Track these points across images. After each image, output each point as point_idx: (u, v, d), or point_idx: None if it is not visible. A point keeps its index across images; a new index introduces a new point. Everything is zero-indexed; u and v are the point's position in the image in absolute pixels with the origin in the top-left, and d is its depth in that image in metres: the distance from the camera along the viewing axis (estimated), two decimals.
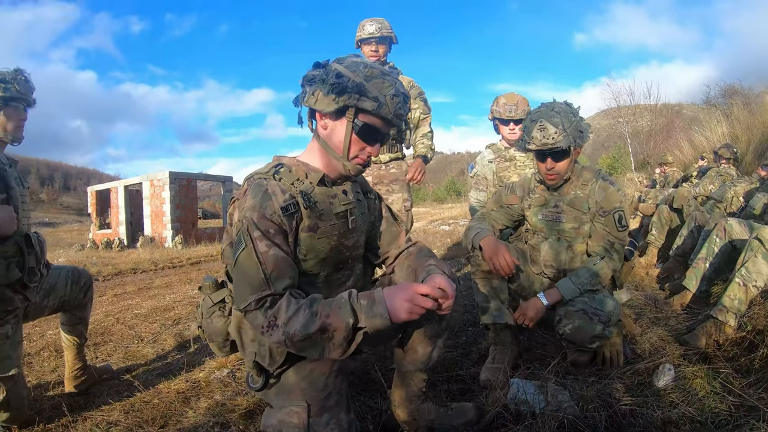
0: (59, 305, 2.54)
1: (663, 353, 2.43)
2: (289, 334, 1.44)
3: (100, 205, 24.88)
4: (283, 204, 1.56)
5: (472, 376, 2.41)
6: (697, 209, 4.96)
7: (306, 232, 1.62)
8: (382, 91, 1.56)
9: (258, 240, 1.52)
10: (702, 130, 12.31)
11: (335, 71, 1.55)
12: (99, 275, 8.36)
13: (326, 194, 1.69)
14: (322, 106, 1.58)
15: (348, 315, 1.46)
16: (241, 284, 1.53)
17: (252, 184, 1.62)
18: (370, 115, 1.57)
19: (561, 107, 2.33)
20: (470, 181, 3.75)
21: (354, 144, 1.62)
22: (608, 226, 2.38)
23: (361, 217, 1.82)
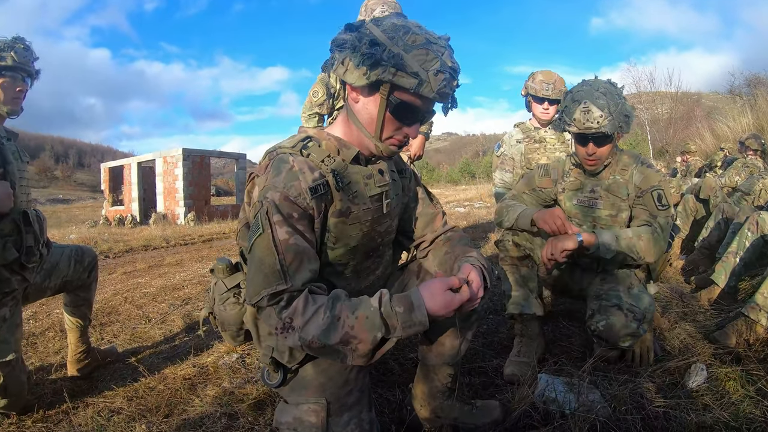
0: (62, 286, 2.43)
1: (693, 351, 2.31)
2: (306, 340, 1.29)
3: (113, 182, 24.97)
4: (312, 184, 1.37)
5: (494, 369, 2.28)
6: (724, 201, 4.79)
7: (337, 217, 1.45)
8: (425, 66, 1.31)
9: (278, 225, 1.33)
10: (725, 120, 12.00)
11: (369, 37, 1.31)
12: (110, 252, 8.31)
13: (361, 174, 1.50)
14: (352, 78, 1.35)
15: (377, 328, 1.29)
16: (254, 274, 1.34)
17: (275, 159, 1.44)
18: (408, 93, 1.35)
19: (606, 87, 2.14)
20: (496, 160, 3.61)
21: (388, 123, 1.42)
22: (647, 204, 2.20)
23: (395, 198, 1.64)
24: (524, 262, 2.31)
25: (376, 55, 1.29)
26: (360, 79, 1.33)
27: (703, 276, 3.69)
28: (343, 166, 1.46)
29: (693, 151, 9.39)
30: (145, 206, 22.55)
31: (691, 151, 9.36)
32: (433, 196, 1.86)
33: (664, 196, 2.18)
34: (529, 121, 3.51)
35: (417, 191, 1.81)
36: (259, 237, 1.34)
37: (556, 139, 3.35)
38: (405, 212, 1.77)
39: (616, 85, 2.17)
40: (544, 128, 3.43)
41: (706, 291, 3.31)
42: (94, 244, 9.20)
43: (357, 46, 1.31)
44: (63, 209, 40.99)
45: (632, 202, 2.24)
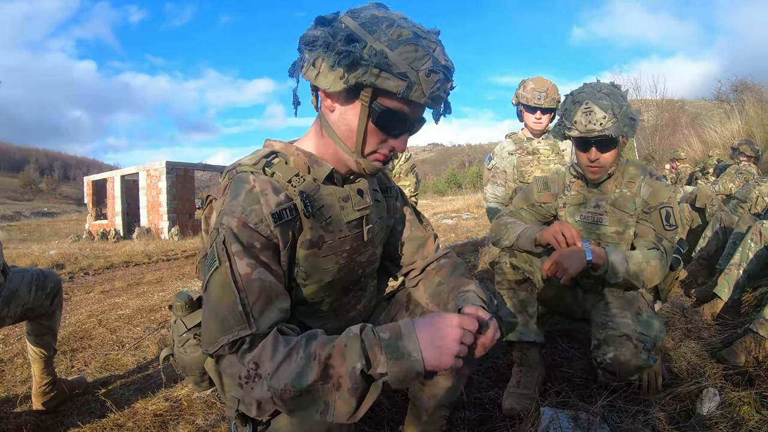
0: (23, 314, 2.22)
1: (702, 373, 2.17)
2: (278, 390, 1.03)
3: (97, 195, 24.59)
4: (276, 209, 1.16)
5: (492, 401, 2.10)
6: (720, 209, 4.68)
7: (307, 249, 1.23)
8: (414, 65, 1.09)
9: (237, 257, 1.11)
10: (714, 126, 11.99)
11: (345, 31, 1.09)
12: (90, 269, 8.12)
13: (336, 196, 1.28)
14: (326, 83, 1.12)
15: (356, 358, 1.03)
16: (210, 318, 1.11)
17: (233, 179, 1.22)
18: (394, 98, 1.13)
19: (609, 88, 1.98)
20: (487, 173, 3.45)
21: (371, 135, 1.20)
22: (654, 223, 2.04)
23: (379, 222, 1.43)
24: (522, 285, 2.14)
25: (355, 53, 1.06)
26: (335, 83, 1.10)
27: (703, 289, 3.56)
28: (315, 187, 1.25)
29: (682, 158, 9.36)
30: (128, 220, 22.21)
31: (681, 158, 9.32)
32: (423, 217, 1.67)
33: (673, 215, 2.03)
34: (522, 132, 3.36)
35: (404, 212, 1.61)
36: (216, 272, 1.11)
37: (551, 151, 3.21)
38: (391, 236, 1.57)
39: (620, 88, 2.01)
40: (537, 139, 3.28)
41: (709, 305, 3.17)
42: (75, 259, 9.01)
43: (331, 43, 1.09)
44: (47, 222, 40.50)
45: (638, 217, 2.09)
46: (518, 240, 2.07)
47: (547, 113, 3.15)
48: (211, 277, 1.12)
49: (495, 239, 2.21)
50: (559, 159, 3.21)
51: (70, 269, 7.95)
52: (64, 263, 8.52)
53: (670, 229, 2.02)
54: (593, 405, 1.91)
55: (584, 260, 1.87)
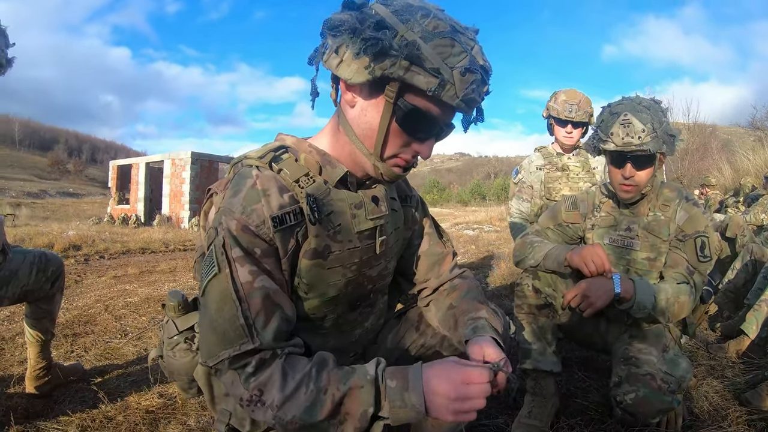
0: (21, 295, 2.16)
1: (725, 416, 2.04)
2: (284, 421, 0.98)
3: (121, 180, 24.89)
4: (278, 212, 1.05)
5: (499, 429, 1.98)
6: (752, 240, 4.49)
7: (311, 259, 1.11)
8: (449, 61, 0.96)
9: (238, 263, 1.01)
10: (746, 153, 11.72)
11: (375, 18, 0.96)
12: (106, 252, 8.16)
13: (348, 202, 1.15)
14: (348, 72, 1.00)
15: (368, 402, 0.99)
16: (209, 330, 1.02)
17: (236, 174, 1.12)
18: (423, 96, 1.00)
19: (649, 103, 1.85)
20: (513, 187, 3.32)
21: (394, 137, 1.07)
22: (687, 253, 1.90)
23: (394, 234, 1.30)
24: (543, 311, 2.00)
25: (384, 41, 0.94)
26: (359, 73, 0.98)
27: (729, 323, 3.40)
28: (325, 191, 1.12)
29: (713, 185, 9.12)
30: (150, 207, 22.43)
31: (711, 184, 9.08)
32: (443, 232, 1.54)
33: (708, 246, 1.88)
34: (552, 146, 3.22)
35: (423, 224, 1.48)
36: (215, 279, 1.02)
37: (581, 168, 3.06)
38: (407, 249, 1.44)
39: (661, 103, 1.88)
40: (567, 154, 3.14)
41: (735, 342, 3.01)
42: (92, 242, 9.07)
43: (358, 28, 0.96)
44: (71, 203, 41.23)
45: (671, 243, 1.95)
46: (545, 260, 1.95)
47: (579, 127, 3.01)
48: (210, 285, 1.03)
49: (518, 258, 2.09)
50: (590, 177, 3.07)
51: (86, 251, 8.00)
52: (81, 245, 8.58)
53: (704, 261, 1.88)
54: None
55: (611, 293, 1.76)
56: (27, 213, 21.73)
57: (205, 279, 1.03)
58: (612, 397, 1.80)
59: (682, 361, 1.80)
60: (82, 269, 6.31)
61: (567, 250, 1.89)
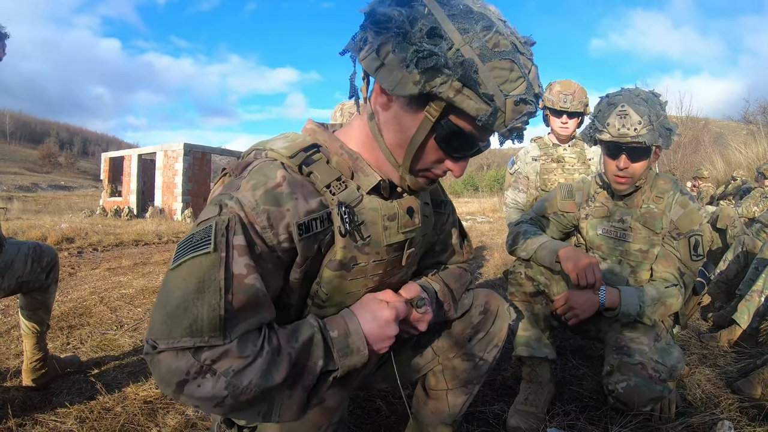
0: (16, 287, 2.15)
1: (717, 403, 2.08)
2: (238, 389, 0.88)
3: (113, 173, 24.73)
4: (306, 218, 0.97)
5: (496, 416, 2.00)
6: (743, 232, 4.53)
7: (335, 270, 1.04)
8: (505, 87, 0.87)
9: (237, 251, 0.91)
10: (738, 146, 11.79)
11: (429, 20, 0.85)
12: (99, 245, 8.12)
13: (380, 213, 1.07)
14: (389, 81, 0.88)
15: (320, 355, 0.97)
16: (177, 309, 0.87)
17: (258, 166, 1.01)
18: (468, 121, 0.91)
19: (648, 95, 1.85)
20: (509, 178, 3.33)
21: (428, 153, 0.99)
22: (680, 251, 1.91)
23: (421, 241, 1.24)
24: (537, 298, 2.03)
25: (439, 57, 0.83)
26: (403, 85, 0.87)
27: (721, 313, 3.44)
28: (357, 198, 1.03)
29: (705, 177, 9.18)
30: (143, 199, 22.31)
31: (704, 176, 9.14)
32: (467, 240, 1.50)
33: (701, 244, 1.90)
34: (547, 137, 3.23)
35: (450, 236, 1.42)
36: (205, 256, 0.89)
37: (576, 159, 3.08)
38: (427, 254, 1.38)
39: (659, 96, 1.88)
40: (563, 145, 3.15)
41: (727, 331, 3.05)
42: (85, 234, 9.02)
43: (408, 32, 0.85)
44: (63, 196, 40.90)
45: (664, 237, 1.97)
46: (537, 252, 1.97)
47: (574, 117, 3.03)
48: (196, 260, 0.89)
49: (512, 248, 2.10)
50: (585, 169, 3.09)
51: (79, 244, 7.96)
52: (74, 237, 8.53)
53: (697, 260, 1.91)
54: (602, 428, 1.83)
55: (596, 306, 1.84)
56: (19, 206, 21.52)
57: (192, 252, 0.90)
58: (604, 385, 1.82)
59: (673, 350, 1.81)
60: (75, 262, 6.28)
61: (558, 247, 1.92)
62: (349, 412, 1.91)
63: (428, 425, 1.45)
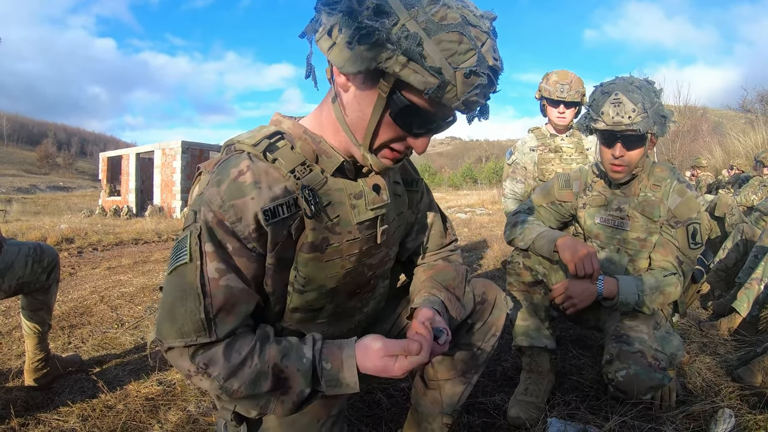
0: (17, 288, 2.15)
1: (717, 391, 2.08)
2: (230, 391, 1.01)
3: (111, 172, 24.71)
4: (270, 204, 1.00)
5: (497, 406, 2.00)
6: (742, 220, 4.53)
7: (308, 253, 1.06)
8: (453, 60, 0.86)
9: (209, 258, 0.99)
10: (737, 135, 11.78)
11: (378, 0, 0.86)
12: (98, 244, 8.12)
13: (346, 192, 1.09)
14: (339, 59, 0.90)
15: (306, 383, 1.04)
16: (167, 317, 1.00)
17: (224, 160, 1.06)
18: (418, 94, 0.92)
19: (642, 83, 1.84)
20: (507, 168, 3.33)
21: (386, 130, 1.00)
22: (678, 239, 1.91)
23: (396, 220, 1.24)
24: (536, 288, 2.03)
25: (380, 33, 0.84)
26: (351, 62, 0.88)
27: (720, 302, 3.45)
28: (321, 180, 1.06)
29: (704, 166, 9.18)
30: (142, 198, 22.32)
31: (702, 165, 9.14)
32: (447, 220, 1.51)
33: (699, 232, 1.90)
34: (545, 127, 3.22)
35: (428, 215, 1.44)
36: (184, 266, 1.00)
37: (574, 149, 3.07)
38: (407, 236, 1.40)
39: (654, 84, 1.88)
40: (560, 135, 3.15)
41: (727, 319, 3.05)
42: (85, 234, 9.01)
43: (354, 11, 0.86)
44: (62, 197, 40.91)
45: (662, 225, 1.96)
46: (535, 241, 1.97)
47: (571, 107, 3.02)
48: (178, 271, 1.01)
49: (510, 237, 2.10)
50: (583, 159, 3.08)
51: (79, 244, 7.95)
52: (73, 238, 8.52)
53: (695, 248, 1.90)
54: (602, 418, 1.83)
55: (594, 295, 1.84)
56: (18, 208, 21.54)
57: (174, 263, 1.02)
58: (604, 374, 1.82)
59: (673, 338, 1.82)
60: (75, 262, 6.28)
61: (556, 236, 1.91)
62: (350, 404, 1.92)
63: (428, 416, 1.45)
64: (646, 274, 1.90)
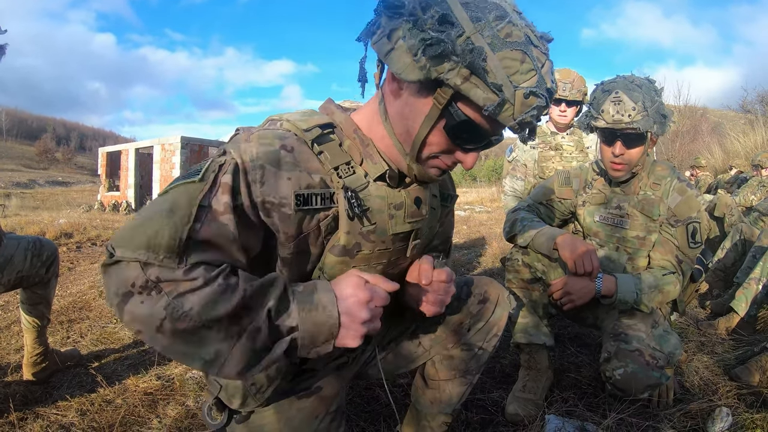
0: (17, 282, 2.15)
1: (715, 390, 2.09)
2: (178, 313, 0.83)
3: (111, 167, 24.72)
4: (305, 191, 0.96)
5: (495, 403, 2.01)
6: (741, 220, 4.54)
7: (338, 256, 1.02)
8: (515, 78, 0.85)
9: (222, 189, 0.90)
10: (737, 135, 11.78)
11: (442, 6, 0.85)
12: (98, 239, 8.07)
13: (386, 201, 1.05)
14: (398, 65, 0.88)
15: (271, 296, 0.90)
16: (143, 222, 0.87)
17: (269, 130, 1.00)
18: (477, 110, 0.90)
19: (642, 81, 1.84)
20: (507, 166, 3.34)
21: (435, 141, 0.97)
22: (678, 238, 1.91)
23: (428, 233, 1.21)
24: (535, 285, 2.03)
25: (446, 44, 0.83)
26: (411, 69, 0.87)
27: (719, 301, 3.46)
28: (363, 184, 1.02)
29: (703, 166, 9.18)
30: (141, 193, 22.30)
31: (702, 165, 9.14)
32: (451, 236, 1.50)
33: (699, 231, 1.90)
34: (546, 125, 3.23)
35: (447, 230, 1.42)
36: (190, 183, 0.90)
37: (574, 147, 3.09)
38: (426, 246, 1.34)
39: (655, 83, 1.87)
40: (561, 133, 3.16)
41: (725, 319, 3.06)
42: (83, 229, 8.97)
43: (419, 19, 0.85)
44: (61, 192, 40.81)
45: (662, 224, 1.96)
46: (535, 239, 1.96)
47: (573, 106, 3.03)
48: (181, 186, 0.91)
49: (509, 234, 2.10)
50: (583, 157, 3.09)
51: (78, 239, 7.93)
52: (72, 232, 8.50)
53: (695, 247, 1.91)
54: (600, 415, 1.83)
55: (593, 293, 1.84)
56: (17, 203, 21.50)
57: (179, 180, 0.92)
58: (601, 372, 1.83)
59: (671, 336, 1.82)
60: (74, 256, 6.27)
61: (556, 234, 1.91)
62: (348, 400, 1.93)
63: (427, 414, 1.45)
64: (645, 273, 1.90)
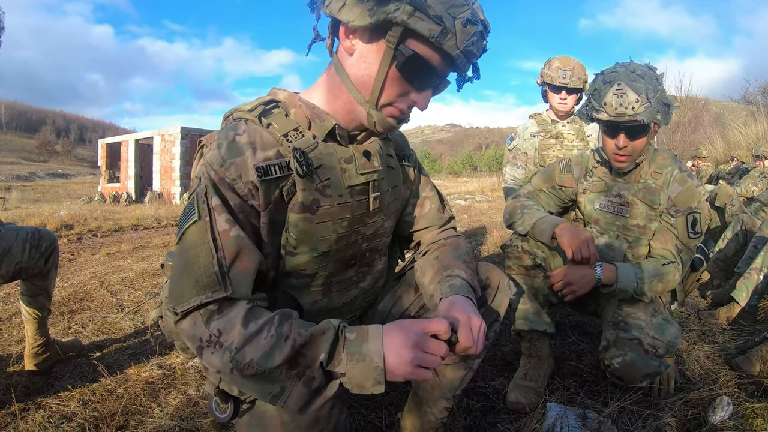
0: (15, 273, 2.13)
1: (716, 379, 2.09)
2: (241, 364, 0.96)
3: (111, 159, 24.69)
4: (263, 163, 1.05)
5: (496, 390, 2.01)
6: (742, 210, 4.53)
7: (299, 213, 1.11)
8: (452, 11, 0.98)
9: (217, 212, 1.02)
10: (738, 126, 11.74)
11: None
12: (98, 230, 8.10)
13: (337, 156, 1.15)
14: (350, 15, 0.99)
15: (325, 348, 0.98)
16: (184, 276, 1.00)
17: (224, 127, 1.12)
18: (425, 43, 1.01)
19: (644, 70, 1.79)
20: (507, 154, 3.32)
21: (391, 84, 1.06)
22: (678, 228, 1.88)
23: (391, 192, 1.29)
24: (535, 272, 2.02)
25: None
26: (362, 16, 0.98)
27: (719, 291, 3.45)
28: (313, 145, 1.12)
29: (704, 157, 9.17)
30: (141, 184, 22.30)
31: (703, 156, 9.12)
32: (443, 196, 1.53)
33: (699, 222, 1.87)
34: (546, 113, 3.21)
35: (422, 186, 1.47)
36: (194, 225, 1.02)
37: (575, 135, 3.06)
38: (404, 210, 1.43)
39: (656, 70, 1.83)
40: (561, 122, 3.14)
41: (725, 309, 3.06)
42: (84, 221, 9.00)
43: None
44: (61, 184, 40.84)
45: (662, 213, 1.94)
46: (534, 227, 1.95)
47: (573, 93, 3.01)
48: (189, 231, 1.03)
49: (509, 222, 2.09)
50: (584, 145, 3.07)
51: (78, 230, 7.94)
52: (73, 224, 8.51)
53: (695, 238, 1.88)
54: (601, 403, 1.84)
55: (593, 282, 1.83)
56: (17, 196, 21.53)
57: (184, 225, 1.04)
58: (600, 360, 1.82)
59: (670, 325, 1.81)
60: (75, 248, 6.27)
61: (555, 222, 1.90)
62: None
63: (428, 400, 1.45)
64: (645, 262, 1.89)
